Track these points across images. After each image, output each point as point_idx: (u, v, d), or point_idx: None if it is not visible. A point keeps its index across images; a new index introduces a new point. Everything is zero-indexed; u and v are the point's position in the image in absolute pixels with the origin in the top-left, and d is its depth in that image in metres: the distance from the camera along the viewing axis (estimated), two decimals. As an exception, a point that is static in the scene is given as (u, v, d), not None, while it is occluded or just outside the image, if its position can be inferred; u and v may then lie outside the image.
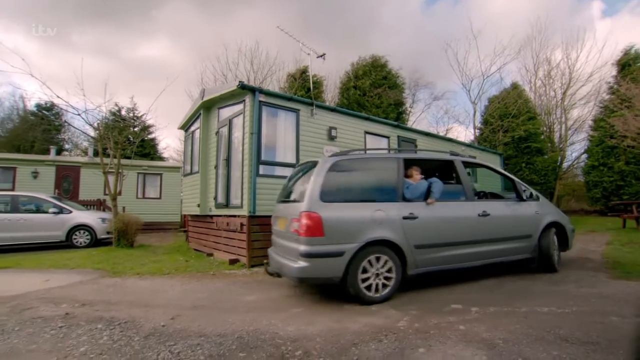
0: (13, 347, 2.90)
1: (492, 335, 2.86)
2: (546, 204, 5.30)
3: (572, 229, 5.51)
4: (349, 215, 3.80)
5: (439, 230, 4.24)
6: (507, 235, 4.73)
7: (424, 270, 4.14)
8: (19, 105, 26.34)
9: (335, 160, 4.10)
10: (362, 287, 3.75)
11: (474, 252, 4.46)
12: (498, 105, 18.96)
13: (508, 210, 4.88)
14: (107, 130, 15.81)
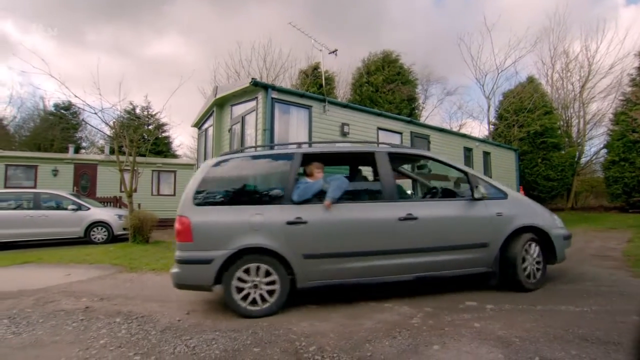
0: (38, 338, 3.03)
1: (508, 333, 2.82)
2: (519, 202, 4.15)
3: (564, 235, 4.20)
4: (220, 220, 3.48)
5: (338, 238, 3.52)
6: (448, 244, 3.73)
7: (322, 283, 3.53)
8: (39, 105, 27.08)
9: (218, 159, 3.84)
10: (236, 298, 3.38)
11: (395, 265, 3.59)
12: (513, 100, 18.58)
13: (450, 212, 3.85)
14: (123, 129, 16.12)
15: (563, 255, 4.17)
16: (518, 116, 18.03)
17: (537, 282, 4.00)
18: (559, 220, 4.30)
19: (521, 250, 3.87)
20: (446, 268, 3.77)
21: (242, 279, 3.40)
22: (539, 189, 17.29)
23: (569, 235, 4.33)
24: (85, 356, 2.62)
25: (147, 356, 2.58)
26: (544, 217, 4.16)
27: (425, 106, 23.70)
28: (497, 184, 4.19)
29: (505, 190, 4.14)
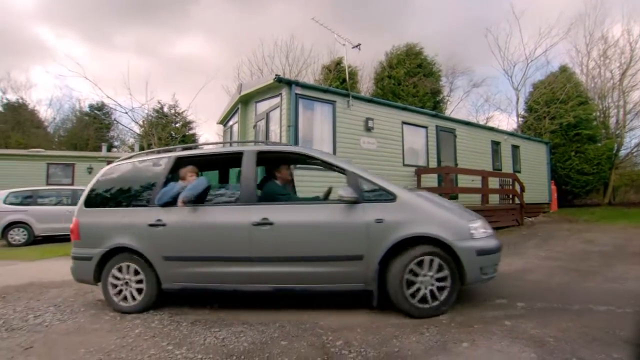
0: (80, 325, 3.25)
1: (542, 333, 2.72)
2: (412, 206, 3.24)
3: (478, 249, 3.16)
4: (98, 221, 3.75)
5: (194, 241, 3.45)
6: (311, 254, 3.22)
7: (187, 287, 3.51)
8: (75, 107, 28.47)
9: (114, 164, 4.14)
10: (111, 293, 3.60)
11: (254, 273, 3.31)
12: (544, 91, 17.76)
13: (316, 217, 3.32)
14: (152, 127, 16.69)
15: (478, 274, 3.15)
16: (549, 108, 17.23)
17: (437, 307, 3.12)
18: (479, 229, 3.26)
19: (405, 267, 3.08)
20: (310, 282, 3.26)
21: (115, 276, 3.60)
22: (572, 183, 16.50)
23: (493, 248, 3.28)
24: (122, 344, 2.75)
25: (179, 346, 2.68)
26: (448, 225, 3.18)
27: (450, 99, 23.08)
28: (382, 183, 3.33)
29: (395, 190, 3.26)
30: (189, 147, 4.04)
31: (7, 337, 2.99)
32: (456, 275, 3.13)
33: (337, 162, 3.60)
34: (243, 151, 3.67)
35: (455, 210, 3.48)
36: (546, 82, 18.17)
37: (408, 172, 8.59)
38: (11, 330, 3.15)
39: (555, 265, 5.24)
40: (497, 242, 3.36)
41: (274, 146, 3.84)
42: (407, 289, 3.09)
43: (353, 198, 3.16)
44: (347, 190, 3.18)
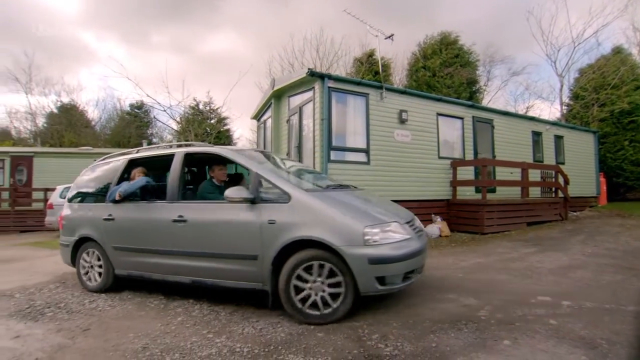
0: (128, 311, 3.49)
1: (592, 334, 2.58)
2: (305, 207, 3.06)
3: (372, 257, 2.83)
4: (73, 214, 4.48)
5: (133, 234, 3.87)
6: (216, 251, 3.33)
7: (131, 273, 3.93)
8: (117, 106, 30.12)
9: (95, 163, 4.78)
10: (82, 275, 4.30)
11: (178, 265, 3.55)
12: (593, 76, 16.49)
13: (220, 215, 3.37)
14: (188, 124, 17.33)
15: (372, 284, 2.86)
16: (599, 94, 16.00)
17: (328, 315, 2.93)
18: (382, 235, 2.92)
19: (292, 270, 2.97)
20: (219, 277, 3.36)
21: (85, 260, 4.28)
22: (625, 175, 15.29)
23: (396, 256, 2.89)
24: (166, 330, 2.92)
25: (219, 335, 2.80)
26: (338, 229, 2.91)
27: (487, 89, 22.05)
28: (280, 182, 3.24)
29: (290, 190, 3.14)
30: (143, 149, 4.56)
31: (68, 319, 3.28)
32: (350, 283, 2.89)
33: (244, 161, 3.56)
34: (174, 153, 3.94)
35: (361, 211, 3.17)
36: (595, 66, 16.85)
37: (443, 164, 8.36)
38: (71, 312, 3.46)
39: (604, 262, 4.91)
40: (405, 250, 2.94)
41: (196, 147, 4.05)
42: (297, 293, 2.98)
43: (240, 198, 3.16)
44: (232, 191, 3.19)
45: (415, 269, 3.09)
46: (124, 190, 3.95)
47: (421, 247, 3.16)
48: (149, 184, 4.10)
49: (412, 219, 3.52)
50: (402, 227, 3.08)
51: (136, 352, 2.54)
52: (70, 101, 27.13)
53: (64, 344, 2.72)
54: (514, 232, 7.86)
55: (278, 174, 3.45)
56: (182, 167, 3.83)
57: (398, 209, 3.70)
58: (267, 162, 3.88)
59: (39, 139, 24.82)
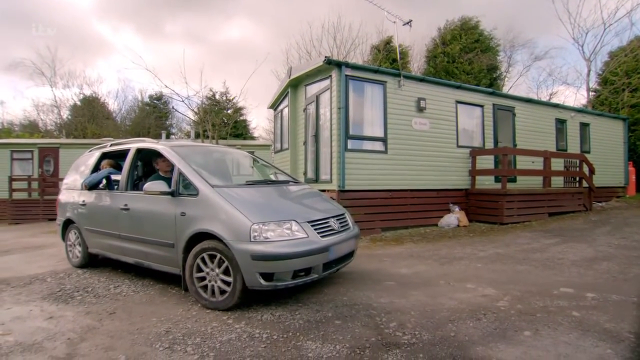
0: (151, 297, 3.60)
1: (618, 327, 2.50)
2: (207, 202, 3.23)
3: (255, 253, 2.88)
4: (62, 199, 5.17)
5: (97, 218, 4.39)
6: (148, 237, 3.69)
7: (98, 252, 4.50)
8: (137, 97, 30.73)
9: (81, 156, 5.36)
10: (68, 250, 5.02)
11: (126, 248, 3.98)
12: (625, 59, 15.70)
13: (151, 206, 3.68)
14: (205, 114, 17.52)
15: (255, 279, 2.93)
16: (631, 78, 15.24)
17: (218, 302, 3.12)
18: (272, 232, 2.98)
19: (193, 259, 3.22)
20: (151, 260, 3.72)
21: (69, 238, 4.97)
22: (656, 164, 14.63)
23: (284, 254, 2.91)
24: (187, 316, 3.00)
25: (239, 320, 2.86)
26: (231, 224, 3.04)
27: (508, 75, 21.35)
28: (193, 177, 3.42)
29: (199, 185, 3.33)
30: (116, 143, 4.95)
31: (95, 303, 3.42)
32: (236, 275, 3.01)
33: (170, 156, 3.77)
34: (129, 148, 4.36)
35: (260, 208, 3.25)
36: (628, 48, 16.02)
37: (462, 153, 8.18)
38: (98, 297, 3.60)
39: (633, 254, 4.74)
40: (295, 249, 2.96)
41: (145, 143, 4.35)
42: (199, 281, 3.24)
43: (157, 192, 3.48)
44: (150, 185, 3.52)
45: (311, 267, 3.08)
46: (88, 181, 4.58)
47: (322, 246, 3.11)
48: (112, 175, 4.74)
49: (329, 217, 3.46)
50: (300, 226, 3.13)
51: (159, 335, 2.63)
52: (92, 93, 27.87)
53: (93, 326, 2.85)
54: (534, 222, 7.66)
55: (195, 169, 3.53)
56: (134, 160, 4.26)
57: (322, 206, 3.76)
58: (199, 157, 4.04)
59: (64, 131, 25.68)
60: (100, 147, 5.13)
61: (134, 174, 4.33)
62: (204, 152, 4.49)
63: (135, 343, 2.52)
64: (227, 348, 2.41)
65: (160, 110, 29.28)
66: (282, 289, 3.11)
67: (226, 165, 4.63)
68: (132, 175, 4.23)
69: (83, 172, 4.99)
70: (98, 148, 5.13)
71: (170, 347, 2.43)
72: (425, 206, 7.56)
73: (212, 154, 4.61)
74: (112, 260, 4.57)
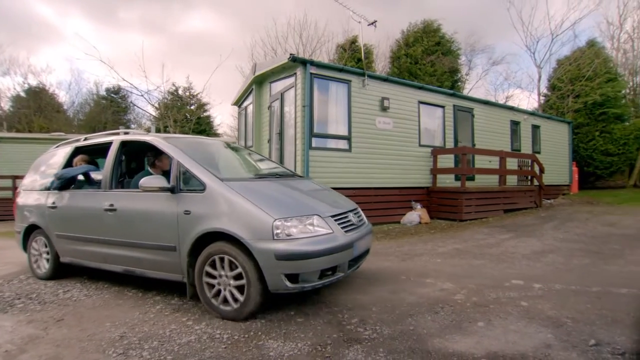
0: (105, 300, 3.39)
1: (559, 314, 2.71)
2: (217, 198, 2.90)
3: (279, 252, 2.61)
4: (24, 202, 4.47)
5: (73, 222, 3.84)
6: (141, 241, 3.27)
7: (72, 261, 3.92)
8: (92, 90, 28.92)
9: (45, 153, 4.74)
10: (32, 261, 4.32)
11: (111, 254, 3.51)
12: (569, 68, 16.93)
13: (143, 204, 3.28)
14: (167, 110, 16.87)
15: (280, 282, 2.64)
16: (574, 85, 16.47)
17: (237, 310, 2.77)
18: (295, 229, 2.70)
19: (202, 264, 2.90)
20: (145, 267, 3.30)
21: (34, 247, 4.30)
22: (595, 164, 15.93)
23: (310, 252, 2.65)
24: (144, 319, 2.87)
25: (199, 322, 2.78)
26: (247, 221, 2.73)
27: (468, 78, 22.36)
28: (197, 171, 3.06)
29: (206, 179, 2.98)
30: (93, 136, 4.35)
31: (40, 310, 3.17)
32: (252, 279, 2.68)
33: (168, 149, 3.34)
34: (112, 141, 3.84)
35: (279, 203, 2.95)
36: (572, 58, 17.30)
37: (424, 152, 8.47)
38: (44, 303, 3.34)
39: (574, 247, 5.14)
40: (323, 246, 2.71)
41: (132, 135, 3.90)
42: (210, 288, 2.91)
43: (156, 188, 3.06)
44: (148, 180, 3.10)
45: (337, 265, 2.84)
46: (60, 175, 3.94)
47: (347, 242, 2.88)
48: (90, 173, 4.12)
49: (347, 212, 3.24)
50: (324, 221, 2.86)
51: (113, 341, 2.50)
52: (39, 84, 25.83)
53: (36, 335, 2.64)
54: (491, 219, 8.09)
55: (198, 162, 3.15)
56: (118, 154, 3.72)
57: (335, 199, 3.51)
58: (198, 150, 3.62)
59: (5, 124, 23.62)
60: (69, 141, 4.47)
61: (118, 170, 3.76)
62: (200, 144, 4.02)
63: (85, 351, 2.38)
64: (186, 350, 2.33)
65: (119, 105, 27.76)
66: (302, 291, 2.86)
67: (226, 158, 4.09)
68: (116, 171, 3.68)
69: (44, 172, 4.40)
70: (67, 143, 4.48)
71: (124, 353, 2.32)
72: (389, 204, 7.75)
73: (209, 146, 4.12)
74: (89, 269, 3.97)
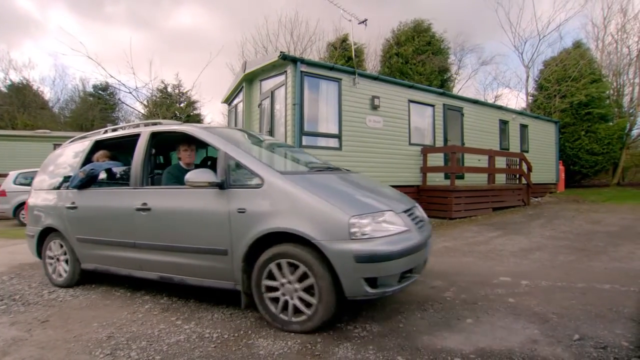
0: (92, 301, 3.33)
1: (545, 310, 2.76)
2: (280, 193, 2.56)
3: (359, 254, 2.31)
4: (37, 203, 4.07)
5: (97, 224, 3.49)
6: (183, 244, 2.91)
7: (97, 268, 3.56)
8: (78, 87, 28.37)
9: (58, 149, 4.37)
10: (48, 268, 3.93)
11: (144, 260, 3.16)
12: (555, 68, 17.24)
13: (185, 203, 2.94)
14: (156, 107, 16.65)
15: (360, 287, 2.34)
16: (560, 86, 16.78)
17: (305, 322, 2.47)
18: (372, 226, 2.39)
19: (262, 269, 2.58)
20: (187, 273, 2.97)
21: (50, 253, 3.89)
22: (581, 163, 16.28)
23: (390, 253, 2.35)
24: (133, 319, 2.84)
25: (188, 321, 2.76)
26: (319, 219, 2.41)
27: (458, 77, 22.60)
28: (252, 164, 2.74)
29: (263, 174, 2.65)
30: (111, 129, 3.99)
31: (24, 311, 3.11)
32: (325, 285, 2.37)
33: (212, 139, 3.02)
34: (140, 133, 3.45)
35: (348, 197, 2.67)
36: (558, 59, 17.62)
37: (414, 151, 8.53)
38: (28, 304, 3.27)
39: (560, 244, 5.24)
40: (403, 245, 2.43)
41: (164, 126, 3.55)
42: (270, 296, 2.59)
43: (205, 183, 2.70)
44: (195, 174, 2.74)
45: (414, 267, 2.60)
46: (74, 181, 3.59)
47: (422, 240, 2.63)
48: (113, 169, 3.75)
49: (413, 207, 2.99)
50: (399, 217, 2.57)
51: (100, 341, 2.46)
52: (22, 80, 25.23)
53: (20, 337, 2.58)
54: (480, 217, 8.20)
55: (251, 154, 2.89)
56: (148, 147, 3.33)
57: (397, 195, 3.20)
58: (241, 141, 3.32)
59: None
60: (84, 136, 4.08)
61: (149, 165, 3.38)
62: (242, 135, 3.65)
63: (72, 352, 2.33)
64: (175, 350, 2.31)
65: (106, 102, 27.29)
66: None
67: (271, 150, 3.65)
68: (147, 166, 3.30)
69: (59, 169, 4.03)
70: (82, 138, 4.11)
71: (112, 354, 2.28)
72: (380, 202, 7.78)
73: (250, 137, 3.72)
74: (110, 275, 3.63)
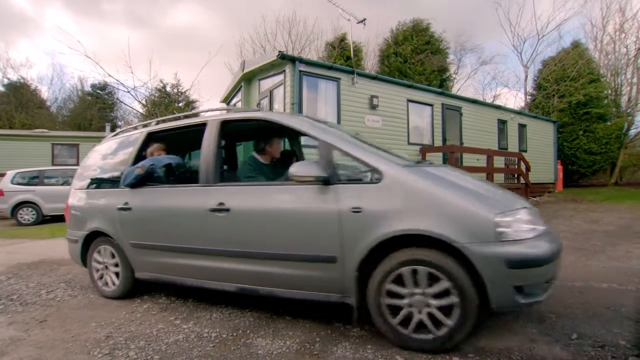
0: (91, 300, 3.32)
1: (543, 309, 2.75)
2: (406, 188, 2.17)
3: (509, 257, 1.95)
4: (81, 204, 3.59)
5: (156, 227, 3.05)
6: (275, 250, 2.48)
7: (158, 278, 3.11)
8: (76, 86, 28.31)
9: (98, 144, 3.90)
10: (95, 276, 3.48)
11: (220, 269, 2.73)
12: (554, 68, 17.30)
13: (276, 203, 2.54)
14: (155, 107, 16.63)
15: (511, 296, 2.00)
16: (559, 85, 16.83)
17: (439, 339, 2.09)
18: (517, 225, 2.06)
19: (381, 281, 2.18)
20: (277, 285, 2.53)
21: (98, 260, 3.45)
22: (579, 163, 16.34)
23: (540, 257, 2.03)
24: (131, 319, 2.84)
25: (187, 321, 2.76)
26: (458, 217, 2.05)
27: (457, 77, 22.66)
28: (366, 155, 2.37)
29: (382, 166, 2.26)
30: (163, 120, 3.59)
31: (22, 311, 3.10)
32: (469, 295, 2.01)
33: (308, 128, 2.61)
34: (206, 122, 2.98)
35: (479, 193, 2.28)
36: (557, 58, 17.68)
37: (413, 150, 8.54)
38: (25, 304, 3.26)
39: (558, 243, 5.24)
40: (548, 247, 2.08)
41: (237, 113, 3.19)
42: (393, 311, 2.19)
43: (312, 177, 2.30)
44: (300, 167, 2.36)
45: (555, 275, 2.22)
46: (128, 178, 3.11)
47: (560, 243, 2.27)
48: (174, 164, 3.28)
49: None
50: (533, 215, 2.21)
51: (98, 341, 2.46)
52: (20, 79, 25.16)
53: (17, 337, 2.58)
54: (478, 216, 8.19)
55: (359, 144, 2.53)
56: (218, 139, 2.87)
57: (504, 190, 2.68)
58: (335, 129, 2.92)
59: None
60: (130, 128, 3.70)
61: (220, 159, 3.00)
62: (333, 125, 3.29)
63: (70, 352, 2.33)
64: (174, 350, 2.31)
65: (105, 101, 27.25)
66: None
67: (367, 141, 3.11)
68: (219, 160, 2.89)
69: (115, 163, 3.56)
70: (127, 130, 3.69)
71: (110, 354, 2.28)
72: (378, 202, 7.79)
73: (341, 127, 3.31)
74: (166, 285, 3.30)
